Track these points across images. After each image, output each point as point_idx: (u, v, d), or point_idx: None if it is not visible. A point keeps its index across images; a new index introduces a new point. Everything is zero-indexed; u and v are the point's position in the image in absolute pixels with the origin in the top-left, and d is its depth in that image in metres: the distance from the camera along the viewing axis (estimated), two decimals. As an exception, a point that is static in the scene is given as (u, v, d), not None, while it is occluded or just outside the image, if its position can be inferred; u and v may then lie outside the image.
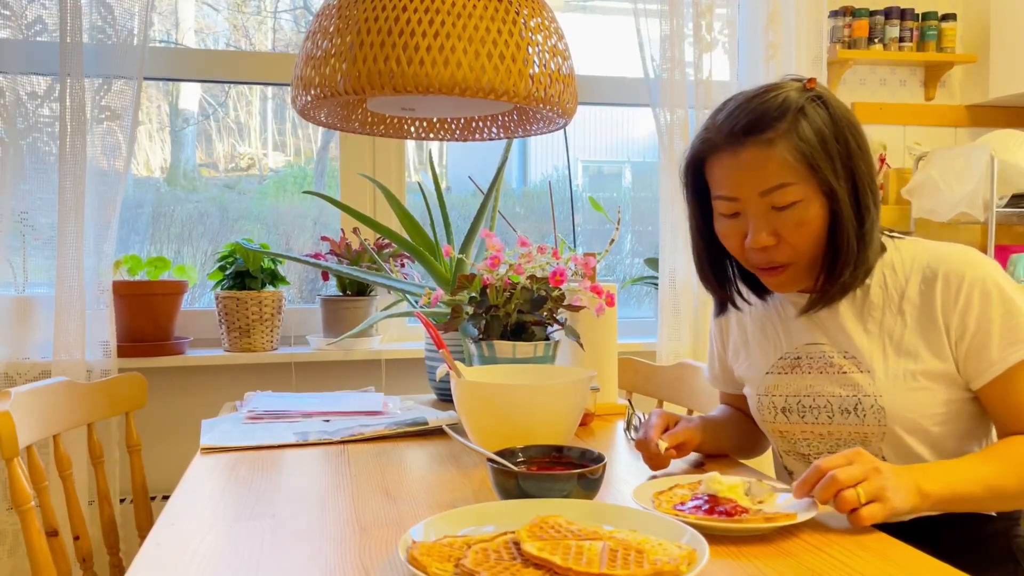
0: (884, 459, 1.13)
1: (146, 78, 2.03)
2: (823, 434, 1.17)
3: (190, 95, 2.50)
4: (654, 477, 1.13)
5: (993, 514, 1.14)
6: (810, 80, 1.11)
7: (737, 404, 1.39)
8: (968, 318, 1.07)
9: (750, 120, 1.07)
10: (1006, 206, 2.40)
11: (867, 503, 0.89)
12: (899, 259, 1.14)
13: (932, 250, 1.13)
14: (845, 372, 1.13)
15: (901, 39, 2.61)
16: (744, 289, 1.24)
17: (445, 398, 1.75)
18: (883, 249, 1.15)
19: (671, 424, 1.20)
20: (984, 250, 1.93)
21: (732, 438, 1.33)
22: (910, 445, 1.11)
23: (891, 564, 0.83)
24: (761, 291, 1.23)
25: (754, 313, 1.27)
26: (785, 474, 1.28)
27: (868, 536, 0.91)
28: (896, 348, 1.11)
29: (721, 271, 1.23)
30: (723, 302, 1.26)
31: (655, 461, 1.16)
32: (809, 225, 1.07)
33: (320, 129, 2.55)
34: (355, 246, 2.12)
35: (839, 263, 1.09)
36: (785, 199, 1.06)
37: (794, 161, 1.05)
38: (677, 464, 1.22)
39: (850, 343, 1.14)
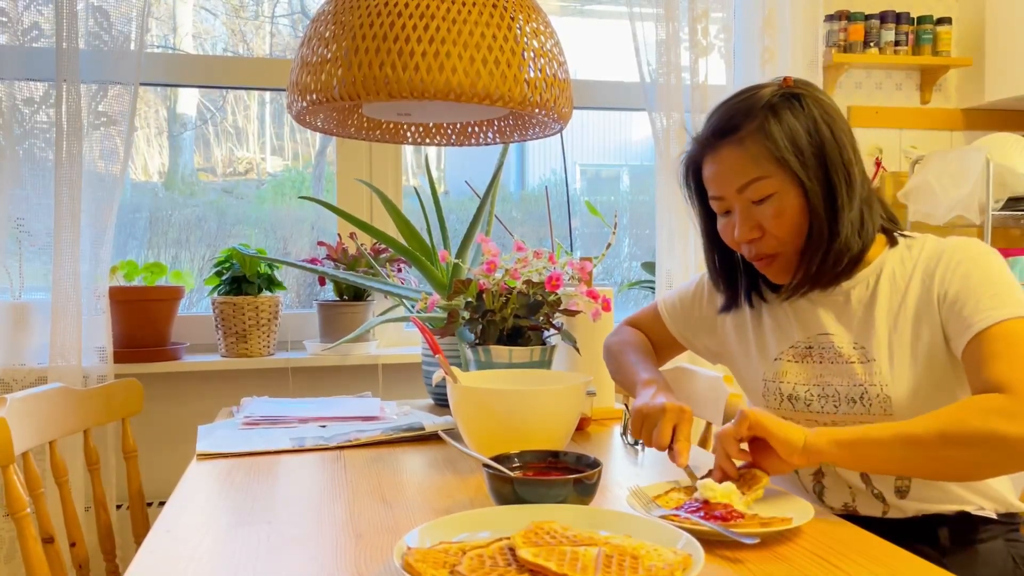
0: None
1: (143, 83, 2.03)
2: (827, 423, 1.17)
3: (188, 100, 2.50)
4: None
5: (994, 516, 1.15)
6: (786, 79, 1.16)
7: (646, 330, 1.48)
8: (954, 284, 1.09)
9: (722, 122, 1.15)
10: (1001, 209, 2.41)
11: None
12: (908, 255, 1.17)
13: (940, 242, 1.16)
14: (852, 362, 1.16)
15: (896, 43, 2.61)
16: (760, 285, 1.28)
17: (442, 403, 1.75)
18: (894, 243, 1.19)
19: (684, 426, 1.16)
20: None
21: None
22: None
23: (887, 569, 0.83)
24: (774, 285, 1.26)
25: (769, 300, 1.30)
26: None
27: (865, 541, 0.92)
28: (900, 338, 1.13)
29: (731, 270, 1.28)
30: (730, 300, 1.31)
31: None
32: (786, 215, 1.12)
33: (318, 134, 2.55)
34: (352, 251, 2.12)
35: (809, 252, 1.14)
36: (760, 192, 1.12)
37: (764, 156, 1.11)
38: (673, 467, 1.22)
39: (859, 333, 1.17)
